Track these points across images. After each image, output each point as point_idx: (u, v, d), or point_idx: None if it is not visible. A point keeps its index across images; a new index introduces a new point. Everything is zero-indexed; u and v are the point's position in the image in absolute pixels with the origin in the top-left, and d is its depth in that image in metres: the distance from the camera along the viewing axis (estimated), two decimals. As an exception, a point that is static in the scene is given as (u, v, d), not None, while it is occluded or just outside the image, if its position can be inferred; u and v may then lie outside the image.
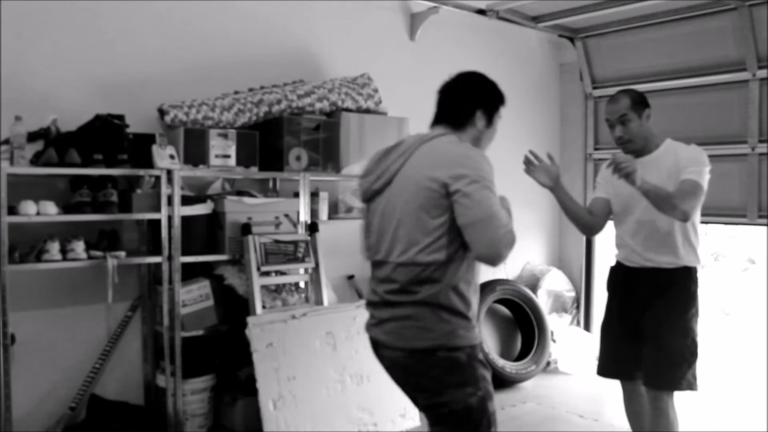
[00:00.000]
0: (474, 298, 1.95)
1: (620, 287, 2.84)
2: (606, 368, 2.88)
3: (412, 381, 1.98)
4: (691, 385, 2.61)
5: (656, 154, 2.70)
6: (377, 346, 2.05)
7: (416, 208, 1.88)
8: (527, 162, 2.69)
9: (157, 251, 3.20)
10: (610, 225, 2.94)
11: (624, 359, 2.78)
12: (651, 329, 2.67)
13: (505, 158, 2.80)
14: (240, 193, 3.52)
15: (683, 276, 2.68)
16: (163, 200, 3.16)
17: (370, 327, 2.06)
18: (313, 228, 3.57)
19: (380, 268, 1.98)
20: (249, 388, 3.18)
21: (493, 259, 1.82)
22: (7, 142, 2.86)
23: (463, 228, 1.82)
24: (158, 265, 3.23)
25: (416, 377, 1.95)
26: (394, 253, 1.92)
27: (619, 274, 2.85)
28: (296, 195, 3.61)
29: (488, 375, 1.94)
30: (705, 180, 2.59)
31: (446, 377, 1.89)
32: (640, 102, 2.72)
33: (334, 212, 3.91)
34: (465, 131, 2.02)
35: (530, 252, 5.29)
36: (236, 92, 3.56)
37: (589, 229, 2.92)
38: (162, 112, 3.29)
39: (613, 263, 2.91)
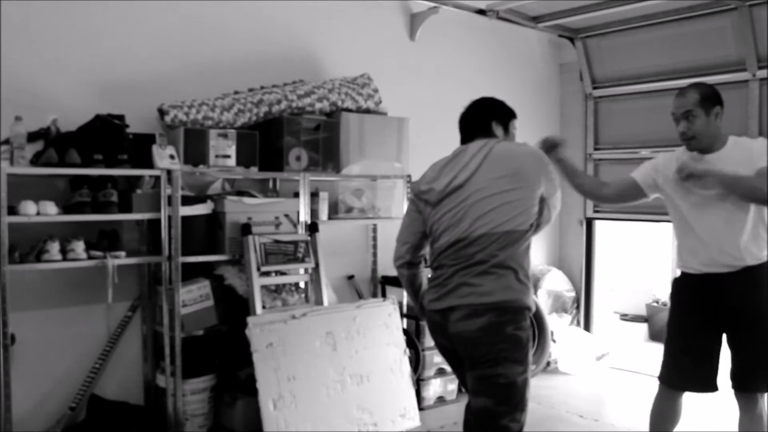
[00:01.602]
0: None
1: (697, 297, 2.65)
2: (678, 381, 2.71)
3: (478, 353, 2.18)
4: None
5: (725, 151, 2.57)
6: (445, 322, 2.24)
7: (508, 190, 2.21)
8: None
9: (157, 251, 3.20)
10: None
11: (700, 374, 2.65)
12: (747, 333, 2.56)
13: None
14: (240, 193, 3.52)
15: (765, 272, 2.55)
16: (163, 200, 3.16)
17: (442, 298, 2.25)
18: (313, 228, 3.57)
19: (463, 244, 2.22)
20: (249, 388, 3.18)
21: (551, 218, 2.48)
22: (7, 142, 2.86)
23: (550, 198, 2.37)
24: (158, 265, 3.23)
25: (483, 348, 2.16)
26: (486, 226, 2.19)
27: (694, 283, 2.66)
28: (296, 195, 3.61)
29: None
30: None
31: (509, 352, 2.15)
32: (709, 98, 2.57)
33: (334, 212, 3.91)
34: (494, 138, 2.39)
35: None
36: (236, 92, 3.56)
37: (600, 196, 3.00)
38: (162, 112, 3.29)
39: (680, 275, 2.74)
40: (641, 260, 6.17)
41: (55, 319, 3.23)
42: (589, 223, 5.33)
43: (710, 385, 2.66)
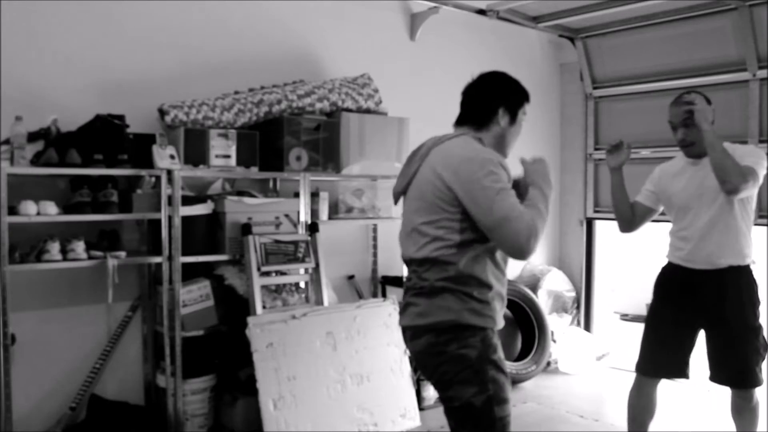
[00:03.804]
0: (494, 284, 1.98)
1: (676, 290, 2.80)
2: (652, 368, 2.86)
3: (426, 374, 2.08)
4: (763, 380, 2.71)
5: None
6: (405, 337, 2.12)
7: (427, 205, 1.96)
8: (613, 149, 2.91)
9: (158, 251, 3.20)
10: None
11: (672, 361, 2.81)
12: (722, 330, 2.69)
13: (505, 158, 2.80)
14: (240, 193, 3.52)
15: (746, 274, 2.70)
16: (164, 200, 3.16)
17: (400, 316, 2.12)
18: (313, 228, 3.57)
19: (406, 262, 2.08)
20: (249, 388, 3.18)
21: (519, 255, 1.87)
22: (7, 142, 2.86)
23: (480, 221, 1.88)
24: (158, 265, 3.23)
25: (428, 370, 2.04)
26: (411, 249, 2.02)
27: (675, 276, 2.81)
28: (296, 195, 3.61)
29: (501, 379, 1.96)
30: (762, 170, 2.59)
31: (453, 374, 1.94)
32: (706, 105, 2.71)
33: (334, 212, 3.91)
34: (488, 130, 2.06)
35: (530, 252, 5.29)
36: (236, 92, 3.56)
37: (627, 223, 2.96)
38: (162, 112, 3.29)
39: (666, 264, 2.89)
40: (641, 260, 6.16)
41: (55, 319, 3.22)
42: (589, 223, 5.34)
43: (683, 372, 2.81)
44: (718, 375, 2.75)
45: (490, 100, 2.06)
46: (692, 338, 2.79)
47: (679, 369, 2.82)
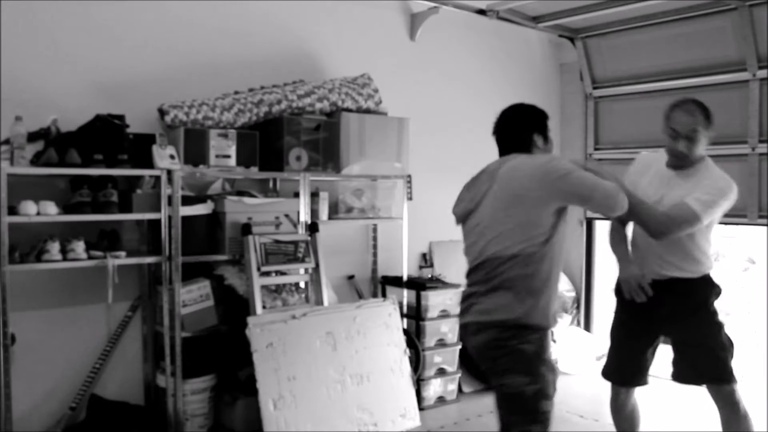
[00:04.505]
0: (550, 288, 2.24)
1: (633, 300, 2.71)
2: (620, 379, 2.84)
3: (486, 365, 2.29)
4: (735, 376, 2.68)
5: (697, 168, 2.60)
6: (465, 336, 2.38)
7: (508, 216, 2.19)
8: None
9: (158, 251, 3.20)
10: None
11: (636, 367, 2.78)
12: (689, 335, 2.67)
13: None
14: (240, 193, 3.53)
15: (706, 283, 2.67)
16: (163, 200, 3.16)
17: (462, 314, 2.35)
18: (313, 228, 3.57)
19: (474, 266, 2.30)
20: (249, 388, 3.18)
21: (614, 209, 2.20)
22: (7, 142, 2.86)
23: (587, 203, 2.29)
24: (158, 265, 3.23)
25: (489, 361, 2.25)
26: (490, 251, 2.22)
27: None
28: (296, 195, 3.62)
29: (550, 377, 2.21)
30: (709, 211, 2.48)
31: (511, 364, 2.18)
32: (709, 118, 2.56)
33: (334, 212, 3.91)
34: (532, 153, 2.33)
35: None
36: (236, 92, 3.56)
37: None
38: (162, 112, 3.29)
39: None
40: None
41: (55, 319, 3.23)
42: (589, 223, 5.34)
43: (642, 381, 2.82)
44: (694, 375, 2.70)
45: (524, 130, 2.34)
46: (652, 347, 2.76)
47: (639, 378, 2.80)
